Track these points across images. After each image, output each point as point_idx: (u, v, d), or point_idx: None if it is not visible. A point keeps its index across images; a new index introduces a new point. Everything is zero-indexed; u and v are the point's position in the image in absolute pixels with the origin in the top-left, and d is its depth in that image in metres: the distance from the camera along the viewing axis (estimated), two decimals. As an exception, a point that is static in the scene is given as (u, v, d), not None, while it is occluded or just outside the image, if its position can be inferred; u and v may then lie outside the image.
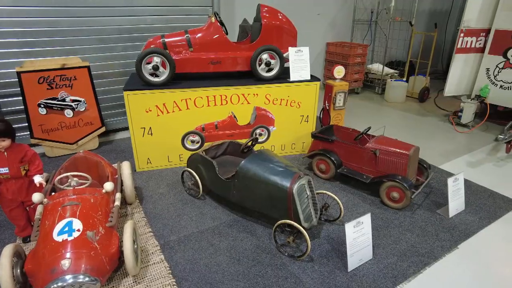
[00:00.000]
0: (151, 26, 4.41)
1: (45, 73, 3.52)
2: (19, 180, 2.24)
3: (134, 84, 3.26)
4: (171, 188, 3.17)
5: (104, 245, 2.01)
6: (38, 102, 3.56)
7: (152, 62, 3.18)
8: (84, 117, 3.79)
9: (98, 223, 2.08)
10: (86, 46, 4.10)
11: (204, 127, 3.46)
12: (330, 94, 3.98)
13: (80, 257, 1.88)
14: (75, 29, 3.99)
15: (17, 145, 2.21)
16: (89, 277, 1.85)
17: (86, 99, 3.75)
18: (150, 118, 3.25)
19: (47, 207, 2.13)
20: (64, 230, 1.95)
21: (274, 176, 2.40)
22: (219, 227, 2.64)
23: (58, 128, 3.70)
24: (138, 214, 2.77)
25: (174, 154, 3.49)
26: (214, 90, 3.32)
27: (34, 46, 3.83)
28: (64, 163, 2.63)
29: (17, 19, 3.66)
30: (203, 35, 3.37)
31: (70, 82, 3.64)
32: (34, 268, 1.88)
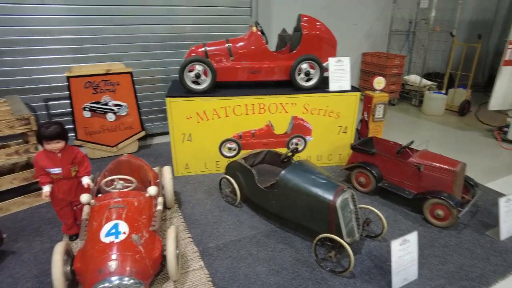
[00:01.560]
0: (191, 34, 4.52)
1: (91, 78, 3.67)
2: (70, 181, 2.33)
3: (176, 91, 3.33)
4: (208, 194, 3.20)
5: (148, 249, 2.03)
6: (84, 105, 3.71)
7: (194, 70, 3.24)
8: (125, 121, 3.91)
9: (142, 226, 2.11)
10: (129, 52, 4.25)
11: (241, 135, 3.47)
12: (369, 105, 3.89)
13: (125, 259, 1.91)
14: (120, 37, 4.16)
15: (69, 147, 2.30)
16: (134, 279, 1.87)
17: (127, 104, 3.87)
18: (190, 124, 3.30)
19: (94, 208, 2.19)
20: (111, 232, 2.00)
21: (316, 188, 2.36)
22: (257, 237, 2.61)
23: (100, 131, 3.83)
24: (177, 219, 2.80)
25: (211, 161, 3.52)
26: (253, 98, 3.34)
27: (81, 52, 4.02)
28: (109, 166, 2.71)
29: (67, 27, 3.87)
30: (244, 44, 3.41)
31: (113, 87, 3.77)
32: (83, 267, 1.93)
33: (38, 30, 3.77)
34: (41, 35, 3.79)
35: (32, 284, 2.17)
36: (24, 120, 2.76)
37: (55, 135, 2.15)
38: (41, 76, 3.92)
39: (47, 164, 2.22)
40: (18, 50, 3.75)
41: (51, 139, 2.15)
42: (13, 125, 2.73)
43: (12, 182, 2.85)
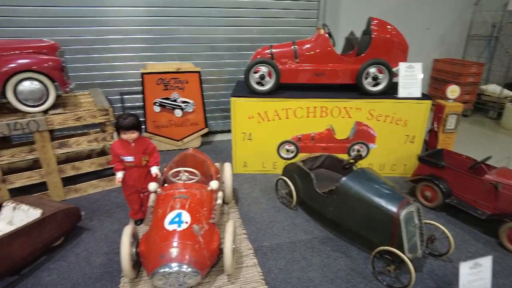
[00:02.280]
0: (258, 36, 4.60)
1: (163, 75, 3.93)
2: (140, 169, 2.51)
3: (241, 91, 3.42)
4: (264, 193, 3.23)
5: (207, 241, 2.11)
6: (154, 100, 3.98)
7: (259, 71, 3.29)
8: (190, 118, 4.11)
9: (203, 218, 2.20)
10: (198, 53, 4.47)
11: (300, 137, 3.45)
12: (441, 115, 3.62)
13: (186, 248, 2.01)
14: (190, 37, 4.38)
15: (142, 138, 2.48)
16: (192, 268, 1.95)
17: (194, 102, 4.07)
18: (251, 124, 3.36)
19: (160, 196, 2.34)
20: (175, 220, 2.11)
21: (379, 198, 2.26)
22: (312, 242, 2.58)
23: (168, 125, 4.08)
24: (233, 214, 2.87)
25: (269, 161, 3.55)
26: (315, 101, 3.30)
27: (155, 51, 4.32)
28: (175, 158, 2.87)
29: (143, 28, 4.20)
30: (311, 46, 3.39)
31: (182, 85, 3.99)
32: (147, 251, 2.07)
33: (118, 30, 4.14)
34: (121, 35, 4.15)
35: (102, 260, 2.38)
36: (104, 111, 3.04)
37: (131, 126, 2.34)
38: (118, 72, 4.30)
39: (122, 152, 2.42)
40: (101, 48, 4.15)
41: (127, 130, 2.34)
42: (95, 115, 3.02)
43: (90, 166, 3.15)
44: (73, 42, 3.98)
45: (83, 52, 4.10)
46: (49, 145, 2.88)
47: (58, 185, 3.03)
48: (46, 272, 2.27)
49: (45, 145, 2.86)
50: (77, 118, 2.94)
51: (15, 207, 2.44)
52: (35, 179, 2.94)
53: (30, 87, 2.77)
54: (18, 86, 2.74)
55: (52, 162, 2.94)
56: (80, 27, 4.00)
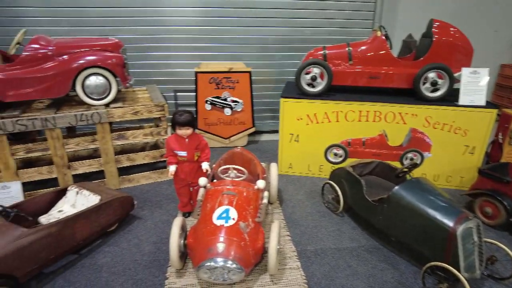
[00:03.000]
0: (310, 37, 4.56)
1: (215, 75, 4.03)
2: (192, 164, 2.60)
3: (290, 92, 3.41)
4: (309, 196, 3.19)
5: (252, 239, 2.13)
6: (206, 99, 4.10)
7: (311, 72, 3.26)
8: (239, 117, 4.18)
9: (249, 216, 2.23)
10: (249, 53, 4.53)
11: (350, 142, 3.36)
12: (507, 126, 3.33)
13: (232, 244, 2.04)
14: (242, 37, 4.46)
15: (195, 134, 2.57)
16: (236, 264, 1.98)
17: (243, 101, 4.13)
18: (299, 125, 3.34)
19: (208, 191, 2.40)
20: (222, 216, 2.16)
21: (434, 210, 2.13)
22: (358, 250, 2.50)
23: (217, 123, 4.18)
24: (278, 215, 2.87)
25: (315, 164, 3.50)
26: (369, 105, 3.19)
27: (208, 50, 4.46)
28: (224, 155, 2.93)
29: (197, 28, 4.35)
30: (366, 48, 3.29)
31: (233, 84, 4.07)
32: (194, 243, 2.14)
33: (174, 30, 4.33)
34: (176, 34, 4.34)
35: (151, 248, 2.50)
36: (160, 107, 3.19)
37: (186, 122, 2.43)
38: (173, 70, 4.49)
39: (176, 146, 2.52)
40: (158, 47, 4.37)
41: (183, 125, 2.44)
42: (152, 110, 3.18)
43: (144, 158, 3.33)
44: (133, 40, 4.22)
45: (142, 50, 4.34)
46: (109, 136, 3.08)
47: (114, 174, 3.24)
48: (102, 254, 2.44)
49: (105, 136, 3.07)
50: (134, 112, 3.11)
51: (78, 192, 2.64)
52: (95, 167, 3.17)
53: (95, 82, 2.98)
54: (85, 80, 2.96)
55: (110, 152, 3.14)
56: (140, 26, 4.25)
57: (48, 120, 2.84)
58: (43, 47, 2.88)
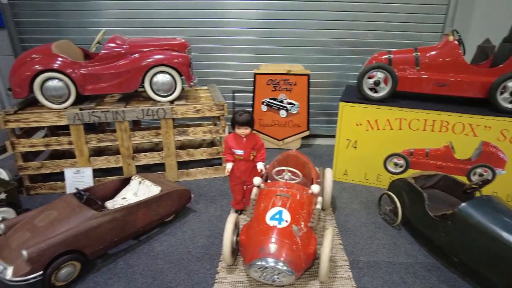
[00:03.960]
0: (372, 41, 4.40)
1: (273, 77, 4.06)
2: (247, 163, 2.65)
3: (350, 96, 3.31)
4: (364, 206, 3.08)
5: (304, 243, 2.11)
6: (262, 100, 4.15)
7: (374, 77, 3.14)
8: (294, 119, 4.17)
9: (302, 220, 2.20)
10: (308, 55, 4.48)
11: (413, 152, 3.18)
12: None
13: (283, 246, 2.03)
14: (301, 40, 4.43)
15: (253, 134, 2.61)
16: (287, 267, 1.97)
17: (299, 104, 4.11)
18: (358, 131, 3.24)
19: (262, 191, 2.42)
20: (275, 217, 2.16)
21: (508, 233, 1.93)
22: (414, 267, 2.35)
23: (272, 125, 4.21)
24: (330, 222, 2.81)
25: (372, 173, 3.37)
26: (436, 114, 2.99)
27: (266, 53, 4.50)
28: (278, 157, 2.94)
29: (258, 29, 4.39)
30: (436, 54, 3.09)
31: (290, 87, 4.06)
32: (247, 241, 2.17)
33: (235, 32, 4.43)
34: (237, 36, 4.44)
35: (204, 242, 2.59)
36: (220, 106, 3.30)
37: (245, 122, 2.48)
38: (232, 71, 4.60)
39: (234, 145, 2.59)
40: (219, 48, 4.51)
41: (242, 125, 2.49)
42: (212, 108, 3.29)
43: (202, 154, 3.46)
44: (197, 41, 4.40)
45: (204, 51, 4.51)
46: (171, 131, 3.25)
47: (174, 168, 3.41)
48: (158, 243, 2.58)
49: (168, 131, 3.24)
50: (196, 110, 3.25)
51: (141, 182, 2.83)
52: (157, 159, 3.36)
53: (162, 79, 3.16)
54: (153, 78, 3.16)
55: (172, 146, 3.31)
56: (204, 28, 4.42)
57: (118, 113, 3.08)
58: (118, 46, 3.13)
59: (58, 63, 2.97)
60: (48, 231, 2.14)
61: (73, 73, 3.00)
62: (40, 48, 3.09)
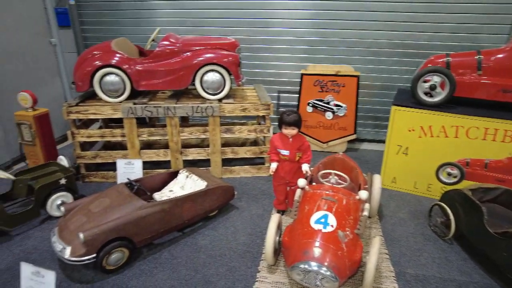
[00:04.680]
0: (427, 43, 4.16)
1: (321, 77, 4.00)
2: (292, 163, 2.62)
3: (403, 100, 3.16)
4: (412, 216, 2.92)
5: (350, 250, 2.04)
6: (308, 101, 4.10)
7: (430, 81, 2.98)
8: (340, 122, 4.07)
9: (348, 226, 2.14)
10: (358, 56, 4.35)
11: (469, 162, 2.97)
12: None
13: (328, 251, 1.98)
14: (349, 40, 4.31)
15: (299, 135, 2.58)
16: (331, 272, 1.92)
17: (347, 106, 4.00)
18: (410, 137, 3.08)
19: (307, 193, 2.38)
20: (320, 221, 2.12)
21: None
22: (469, 286, 2.19)
23: (316, 126, 4.14)
24: (376, 230, 2.71)
25: (423, 182, 3.19)
26: (499, 122, 2.77)
27: (314, 53, 4.43)
28: (324, 159, 2.88)
29: (306, 30, 4.34)
30: (503, 57, 2.86)
31: (338, 88, 3.97)
32: (290, 242, 2.14)
33: (283, 32, 4.40)
34: (285, 36, 4.42)
35: (246, 239, 2.60)
36: (266, 106, 3.30)
37: (292, 123, 2.46)
38: (278, 71, 4.59)
39: (279, 145, 2.58)
40: (267, 48, 4.51)
41: (289, 125, 2.47)
42: (258, 108, 3.31)
43: (246, 153, 3.49)
44: (244, 40, 4.44)
45: (252, 50, 4.54)
46: (218, 129, 3.31)
47: (218, 164, 3.47)
48: (202, 236, 2.64)
49: (215, 129, 3.31)
50: (243, 109, 3.28)
51: (188, 176, 2.91)
52: (202, 155, 3.45)
53: (212, 78, 3.23)
54: (203, 76, 3.24)
55: (218, 143, 3.38)
56: (252, 27, 4.45)
57: (169, 109, 3.19)
58: (172, 44, 3.24)
59: (116, 59, 3.14)
60: (102, 217, 2.27)
61: (129, 69, 3.16)
62: (101, 45, 3.29)
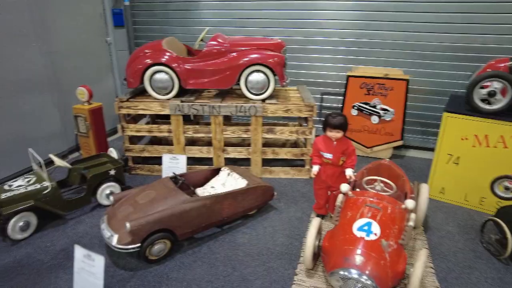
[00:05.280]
0: (484, 46, 3.87)
1: (368, 80, 3.88)
2: (335, 167, 2.57)
3: (456, 107, 2.98)
4: (462, 230, 2.75)
5: (393, 261, 1.96)
6: (353, 104, 3.99)
7: (489, 87, 2.77)
8: (386, 127, 3.92)
9: (392, 235, 2.05)
10: (405, 59, 4.17)
11: (530, 176, 2.73)
12: None
13: (370, 259, 1.92)
14: (397, 43, 4.14)
15: (344, 139, 2.52)
16: (372, 281, 1.85)
17: (394, 110, 3.85)
18: (462, 146, 2.90)
19: (350, 199, 2.32)
20: (364, 228, 2.05)
21: None
22: (526, 310, 2.02)
23: (361, 130, 4.02)
24: (421, 242, 2.57)
25: (475, 194, 2.99)
26: None
27: (359, 54, 4.31)
28: (369, 165, 2.79)
29: (351, 31, 4.25)
30: None
31: (386, 92, 3.83)
32: (330, 248, 2.10)
33: (328, 33, 4.34)
34: (329, 37, 4.35)
35: (284, 240, 2.59)
36: (309, 107, 3.27)
37: (338, 125, 2.41)
38: (322, 72, 4.53)
39: (323, 148, 2.53)
40: (311, 49, 4.47)
41: (334, 128, 2.42)
42: (301, 109, 3.28)
43: (286, 154, 3.47)
44: (289, 41, 4.41)
45: (295, 51, 4.52)
46: (260, 129, 3.33)
47: (258, 164, 3.49)
48: (240, 234, 2.66)
49: (257, 128, 3.33)
50: (286, 110, 3.27)
51: (229, 174, 2.96)
52: (243, 154, 3.48)
53: (256, 78, 3.25)
54: (248, 76, 3.27)
55: (259, 143, 3.39)
56: (297, 28, 4.43)
57: (214, 108, 3.26)
58: (219, 44, 3.30)
59: (166, 58, 3.26)
60: (147, 208, 2.37)
61: (178, 67, 3.27)
62: (153, 43, 3.43)
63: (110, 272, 2.26)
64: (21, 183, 2.67)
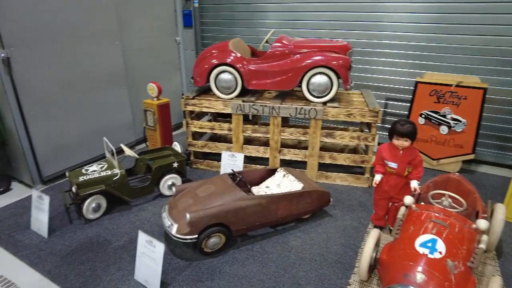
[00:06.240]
0: None
1: (438, 87, 3.62)
2: (399, 178, 2.44)
3: (546, 121, 2.66)
4: (543, 260, 2.45)
5: (459, 284, 1.81)
6: (421, 111, 3.75)
7: None
8: (457, 138, 3.62)
9: (460, 256, 1.89)
10: (481, 66, 3.81)
11: None
12: None
13: (433, 279, 1.79)
14: (474, 47, 3.79)
15: (411, 148, 2.38)
16: (434, 304, 1.73)
17: (467, 121, 3.54)
18: (550, 166, 2.58)
19: (413, 213, 2.18)
20: (427, 245, 1.92)
21: None
22: None
23: (427, 141, 3.76)
24: (492, 268, 2.34)
25: (562, 221, 2.64)
26: None
27: (429, 60, 4.03)
28: (435, 178, 2.61)
29: (421, 34, 4.00)
30: None
31: (458, 101, 3.54)
32: (388, 261, 2.00)
33: (395, 36, 4.13)
34: (399, 41, 4.13)
35: (338, 249, 2.52)
36: (373, 113, 3.14)
37: (406, 133, 2.28)
38: (389, 77, 4.32)
39: (387, 156, 2.42)
40: (378, 52, 4.28)
41: (402, 136, 2.30)
42: (365, 114, 3.16)
43: (345, 160, 3.37)
44: (354, 44, 4.28)
45: (360, 54, 4.37)
46: (319, 132, 3.28)
47: (315, 168, 3.44)
48: (293, 237, 2.65)
49: (316, 132, 3.29)
50: (348, 114, 3.18)
51: (285, 175, 2.96)
52: (299, 157, 3.46)
53: (319, 80, 3.21)
54: (311, 78, 3.23)
55: (317, 147, 3.35)
56: (364, 31, 4.28)
57: (274, 109, 3.29)
58: (284, 45, 3.32)
59: (231, 58, 3.36)
60: (206, 202, 2.47)
61: (242, 68, 3.35)
62: (220, 44, 3.55)
63: (167, 259, 2.39)
64: (95, 168, 2.94)
